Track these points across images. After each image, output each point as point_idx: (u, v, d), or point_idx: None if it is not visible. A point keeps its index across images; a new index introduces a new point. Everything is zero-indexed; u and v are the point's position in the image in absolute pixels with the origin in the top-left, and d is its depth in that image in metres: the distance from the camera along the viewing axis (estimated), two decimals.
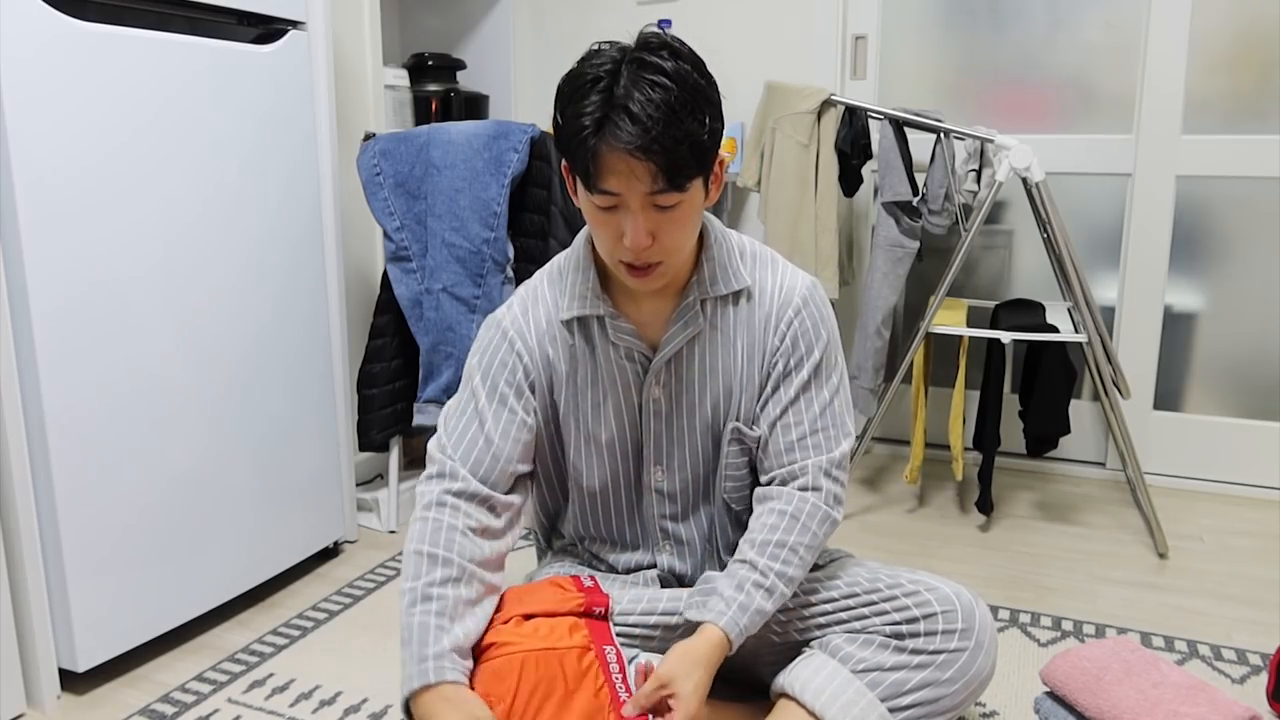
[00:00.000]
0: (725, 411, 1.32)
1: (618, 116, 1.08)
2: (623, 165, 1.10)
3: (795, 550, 1.25)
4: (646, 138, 1.08)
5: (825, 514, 1.28)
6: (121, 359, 1.53)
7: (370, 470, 2.50)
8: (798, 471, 1.29)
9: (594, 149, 1.10)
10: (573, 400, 1.33)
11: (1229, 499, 2.44)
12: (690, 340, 1.30)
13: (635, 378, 1.31)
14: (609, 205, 1.15)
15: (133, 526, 1.57)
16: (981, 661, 1.24)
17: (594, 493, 1.38)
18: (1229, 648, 1.69)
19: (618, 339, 1.29)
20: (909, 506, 2.38)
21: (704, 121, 1.13)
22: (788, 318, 1.30)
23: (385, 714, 1.49)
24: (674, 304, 1.30)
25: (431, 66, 2.57)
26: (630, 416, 1.33)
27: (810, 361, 1.30)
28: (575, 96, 1.12)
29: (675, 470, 1.35)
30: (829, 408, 1.31)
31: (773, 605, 1.23)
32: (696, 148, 1.12)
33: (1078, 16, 2.46)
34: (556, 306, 1.32)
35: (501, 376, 1.31)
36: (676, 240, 1.19)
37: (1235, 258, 2.43)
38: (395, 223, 2.10)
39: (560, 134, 1.15)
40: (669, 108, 1.09)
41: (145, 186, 1.54)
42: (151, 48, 1.54)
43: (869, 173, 2.49)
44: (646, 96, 1.08)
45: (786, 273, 1.33)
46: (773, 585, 1.23)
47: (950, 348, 2.55)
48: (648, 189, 1.12)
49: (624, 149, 1.08)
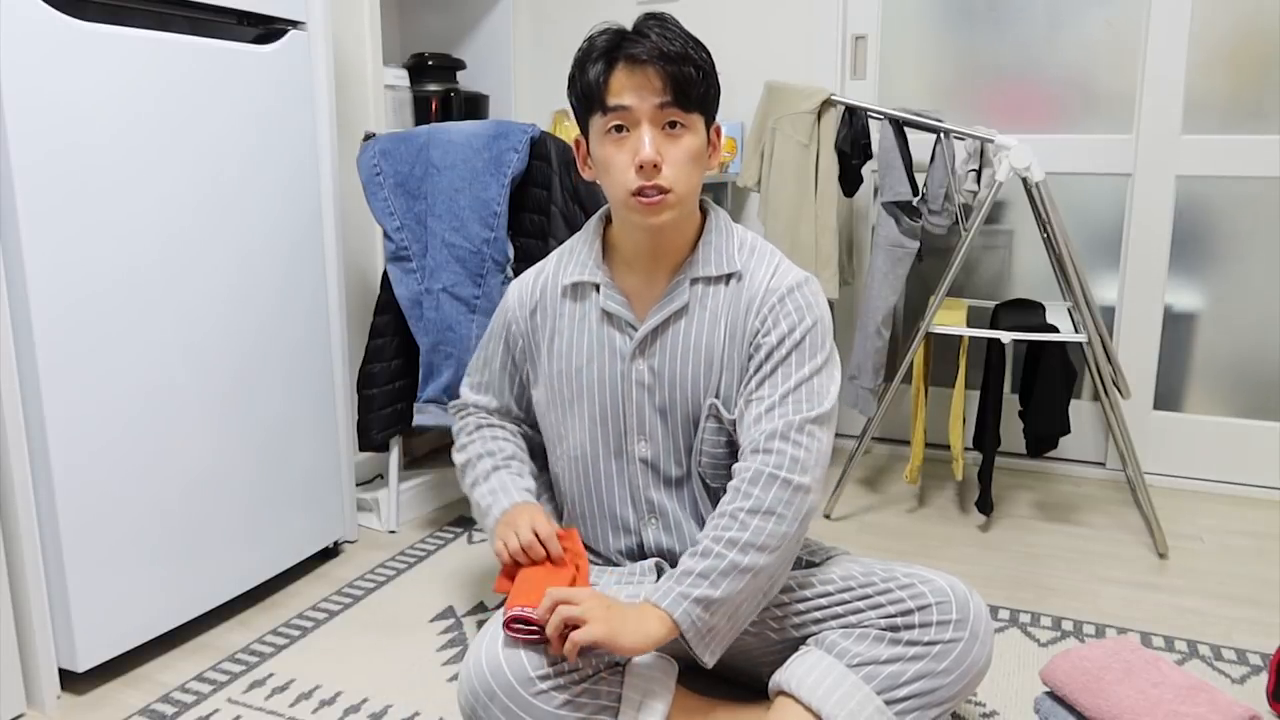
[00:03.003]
0: (705, 389, 1.36)
1: (630, 40, 1.25)
2: (636, 75, 1.24)
3: (734, 516, 1.22)
4: (657, 50, 1.23)
5: (770, 475, 1.23)
6: (122, 359, 1.53)
7: (370, 470, 2.50)
8: (756, 439, 1.27)
9: (606, 69, 1.25)
10: (559, 362, 1.43)
11: (1229, 499, 2.44)
12: (677, 315, 1.36)
13: (622, 346, 1.38)
14: (621, 123, 1.26)
15: (133, 526, 1.57)
16: (977, 652, 1.25)
17: (578, 459, 1.43)
18: (1229, 648, 1.69)
19: (608, 306, 1.38)
20: (909, 506, 2.38)
21: (707, 59, 1.28)
22: (771, 302, 1.33)
23: (385, 714, 1.49)
24: (668, 279, 1.38)
25: (431, 66, 2.57)
26: (613, 384, 1.39)
27: (790, 341, 1.31)
28: (589, 47, 1.29)
29: (659, 441, 1.39)
30: (806, 383, 1.29)
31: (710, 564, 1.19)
32: (702, 73, 1.27)
33: (1078, 16, 2.46)
34: (559, 272, 1.45)
35: (502, 336, 1.51)
36: (682, 170, 1.28)
37: (1235, 258, 2.43)
38: (395, 223, 2.10)
39: (575, 81, 1.30)
40: (677, 38, 1.26)
41: (145, 186, 1.54)
42: (151, 48, 1.54)
43: (869, 173, 2.49)
44: (657, 31, 1.25)
45: (782, 266, 1.37)
46: (708, 548, 1.21)
47: (950, 348, 2.55)
48: (658, 100, 1.24)
49: (638, 58, 1.23)
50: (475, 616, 1.81)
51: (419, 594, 1.90)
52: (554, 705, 1.19)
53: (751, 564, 1.20)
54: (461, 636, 1.73)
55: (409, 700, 1.53)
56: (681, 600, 1.18)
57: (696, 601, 1.18)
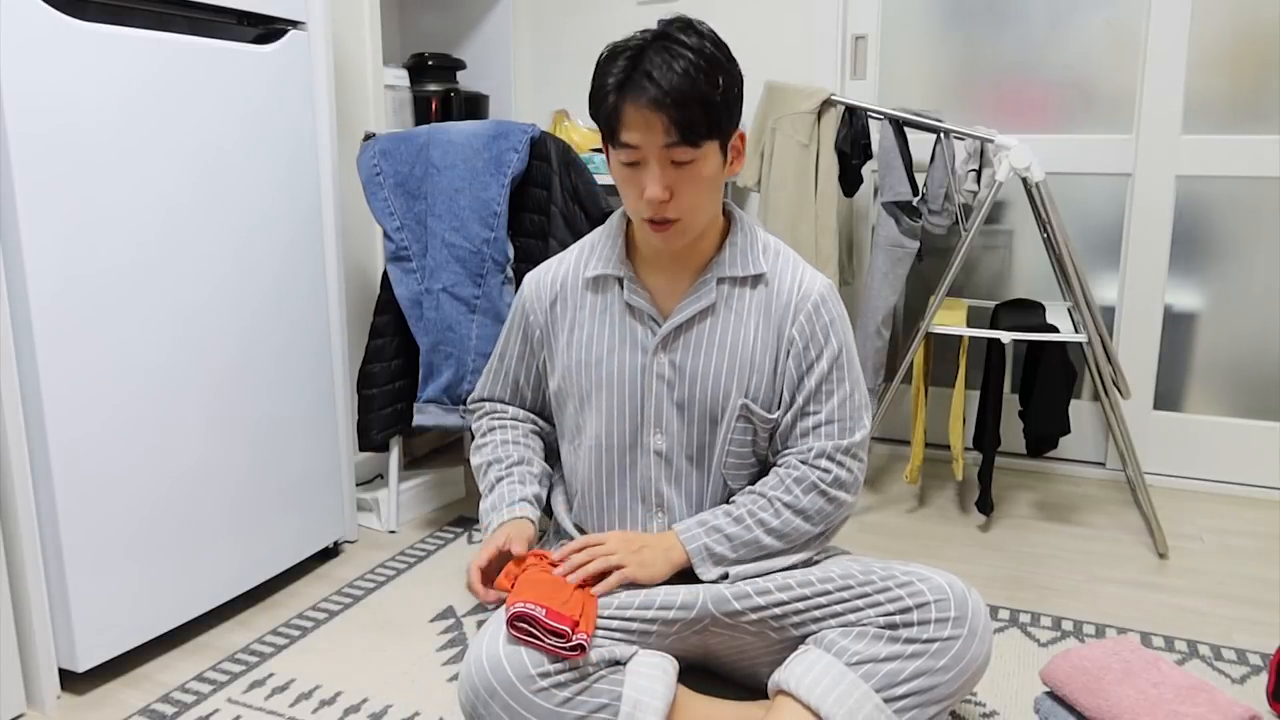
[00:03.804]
0: (732, 387, 1.38)
1: (639, 77, 1.24)
2: (641, 119, 1.24)
3: (772, 502, 1.36)
4: (661, 93, 1.22)
5: (813, 484, 1.36)
6: (123, 360, 1.53)
7: (370, 470, 2.50)
8: (805, 451, 1.39)
9: (616, 105, 1.26)
10: (579, 352, 1.44)
11: (1229, 499, 2.44)
12: (702, 313, 1.39)
13: (644, 340, 1.40)
14: (632, 160, 1.28)
15: (133, 526, 1.57)
16: (975, 649, 1.25)
17: (593, 449, 1.44)
18: (1229, 648, 1.69)
19: (632, 300, 1.40)
20: (909, 506, 2.38)
21: (717, 85, 1.26)
22: (807, 310, 1.38)
23: (385, 714, 1.49)
24: (691, 279, 1.40)
25: (431, 66, 2.57)
26: (633, 377, 1.41)
27: (829, 354, 1.38)
28: (608, 64, 1.28)
29: (674, 435, 1.41)
30: (848, 399, 1.40)
31: (738, 530, 1.35)
32: (709, 107, 1.25)
33: (1078, 16, 2.46)
34: (580, 265, 1.46)
35: (520, 326, 1.52)
36: (692, 199, 1.30)
37: (1235, 258, 2.43)
38: (395, 223, 2.10)
39: (592, 98, 1.31)
40: (685, 71, 1.23)
41: (143, 186, 1.54)
42: (151, 47, 1.54)
43: (869, 173, 2.49)
44: (667, 64, 1.24)
45: (805, 271, 1.42)
46: (741, 516, 1.36)
47: (950, 348, 2.55)
48: (663, 142, 1.25)
49: (643, 103, 1.23)
50: (475, 616, 1.81)
51: (419, 594, 1.90)
52: (554, 703, 1.19)
53: (771, 546, 1.36)
54: (461, 636, 1.73)
55: (409, 700, 1.53)
56: (703, 550, 1.36)
57: (712, 553, 1.36)
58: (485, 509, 1.47)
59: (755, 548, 1.35)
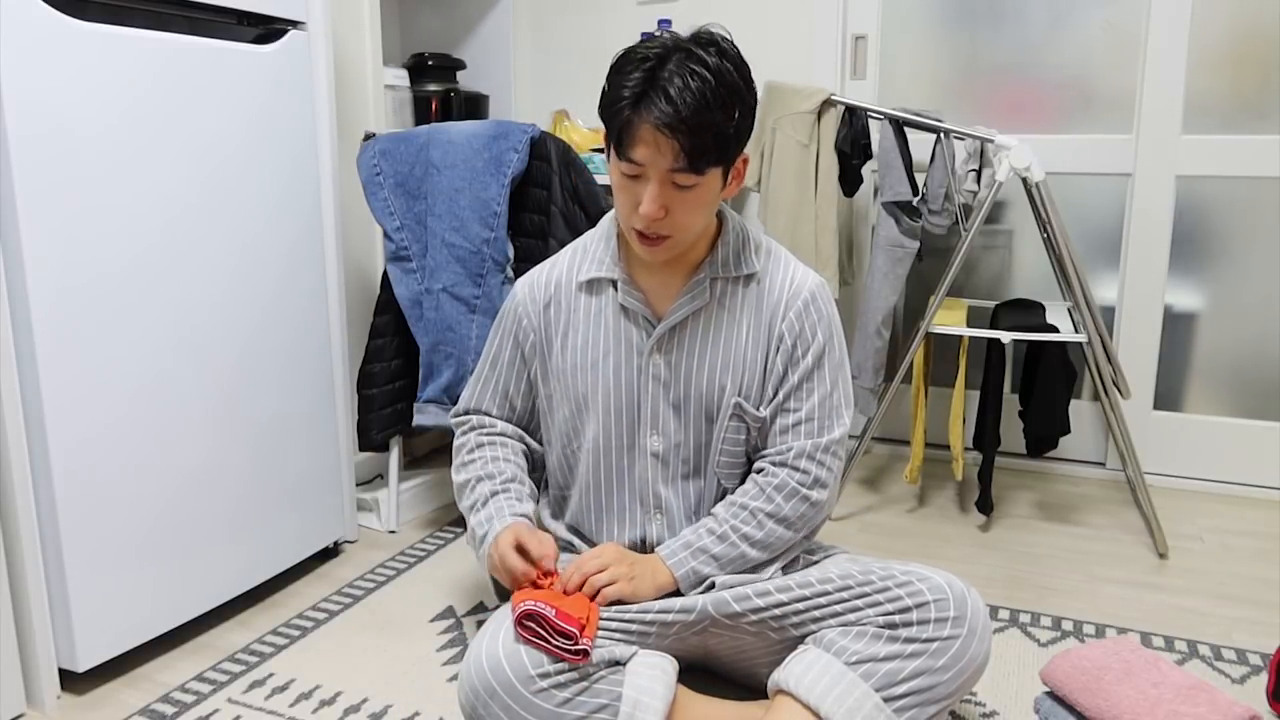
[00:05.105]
0: (726, 384, 1.39)
1: (655, 95, 1.21)
2: (651, 139, 1.22)
3: (755, 514, 1.36)
4: (676, 118, 1.20)
5: (794, 489, 1.37)
6: (122, 360, 1.53)
7: (370, 470, 2.50)
8: (784, 452, 1.39)
9: (628, 119, 1.23)
10: (574, 355, 1.43)
11: (1229, 499, 2.44)
12: (696, 313, 1.40)
13: (639, 342, 1.40)
14: (633, 174, 1.26)
15: (133, 526, 1.57)
16: (975, 648, 1.25)
17: (590, 451, 1.44)
18: (1229, 648, 1.69)
19: (626, 302, 1.40)
20: (909, 506, 2.38)
21: (732, 115, 1.24)
22: (797, 307, 1.38)
23: (385, 714, 1.49)
24: (685, 280, 1.40)
25: (431, 66, 2.57)
26: (629, 379, 1.41)
27: (814, 351, 1.38)
28: (623, 70, 1.25)
29: (671, 436, 1.41)
30: (828, 398, 1.40)
31: (724, 549, 1.35)
32: (720, 138, 1.23)
33: (1078, 16, 2.46)
34: (573, 268, 1.46)
35: (512, 332, 1.50)
36: (686, 220, 1.29)
37: (1235, 258, 2.43)
38: (395, 223, 2.10)
39: (603, 100, 1.28)
40: (702, 96, 1.20)
41: (143, 187, 1.54)
42: (151, 47, 1.54)
43: (869, 173, 2.49)
44: (685, 84, 1.20)
45: (797, 270, 1.43)
46: (725, 534, 1.36)
47: (950, 348, 2.55)
48: (669, 165, 1.23)
49: (654, 124, 1.21)
50: (475, 616, 1.81)
51: (419, 594, 1.90)
52: (554, 703, 1.20)
53: (756, 557, 1.37)
54: (461, 636, 1.73)
55: (409, 700, 1.53)
56: (691, 574, 1.35)
57: (698, 572, 1.35)
58: (481, 519, 1.42)
59: (741, 562, 1.36)
